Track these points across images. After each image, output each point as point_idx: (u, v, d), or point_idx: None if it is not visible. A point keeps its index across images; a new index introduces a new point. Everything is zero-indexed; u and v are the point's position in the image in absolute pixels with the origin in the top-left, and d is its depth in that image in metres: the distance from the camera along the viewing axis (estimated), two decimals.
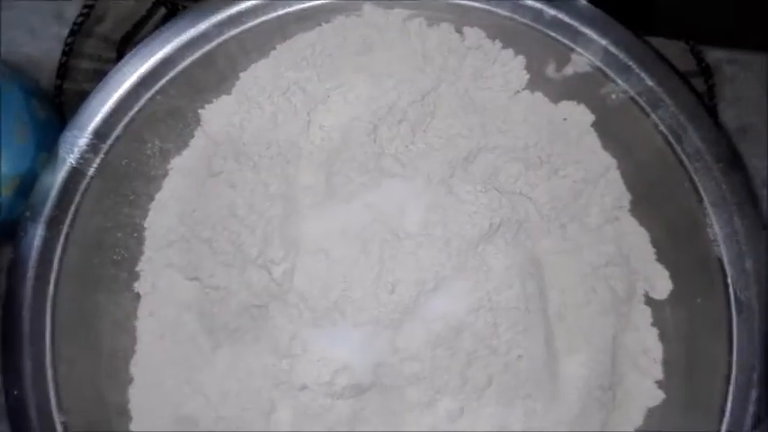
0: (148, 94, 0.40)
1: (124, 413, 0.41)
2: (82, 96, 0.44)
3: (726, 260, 0.37)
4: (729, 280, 0.37)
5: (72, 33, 0.44)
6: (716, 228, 0.38)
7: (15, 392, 0.38)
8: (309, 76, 0.41)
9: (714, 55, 0.44)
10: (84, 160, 0.39)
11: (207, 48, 0.40)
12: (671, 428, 0.40)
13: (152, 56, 0.39)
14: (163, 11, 0.44)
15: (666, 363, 0.41)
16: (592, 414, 0.40)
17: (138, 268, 0.42)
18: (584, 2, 0.38)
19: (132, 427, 0.41)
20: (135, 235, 0.42)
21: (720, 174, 0.38)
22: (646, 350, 0.42)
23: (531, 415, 0.39)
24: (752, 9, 0.44)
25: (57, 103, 0.44)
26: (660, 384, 0.41)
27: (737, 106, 0.45)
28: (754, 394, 0.37)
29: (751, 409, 0.37)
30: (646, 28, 0.44)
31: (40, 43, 0.46)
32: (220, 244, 0.40)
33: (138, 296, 0.42)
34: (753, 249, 0.37)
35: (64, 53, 0.44)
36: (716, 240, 0.38)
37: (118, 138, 0.40)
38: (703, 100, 0.38)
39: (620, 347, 0.42)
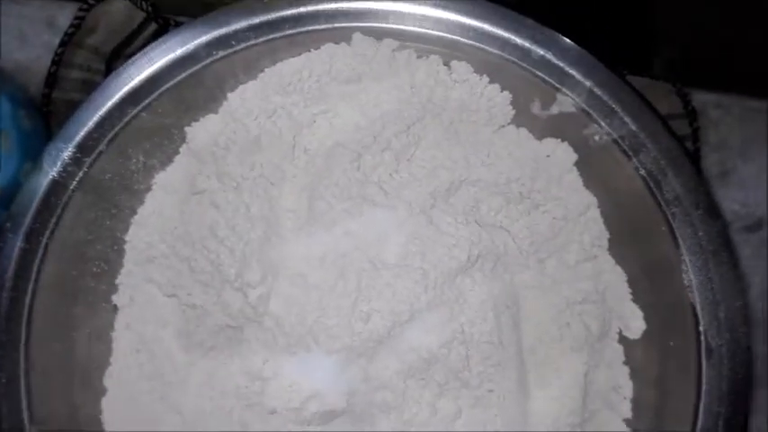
0: (134, 111, 0.40)
1: (97, 425, 0.41)
2: (70, 106, 0.44)
3: (699, 307, 0.38)
4: (701, 327, 0.38)
5: (62, 44, 0.44)
6: (691, 274, 0.38)
7: None
8: (296, 101, 0.41)
9: (700, 98, 0.45)
10: (66, 173, 0.39)
11: (195, 68, 0.40)
12: None
13: (140, 73, 0.39)
14: (154, 26, 0.44)
15: (636, 402, 0.41)
16: None
17: (117, 281, 0.43)
18: (572, 43, 0.39)
19: None
20: (115, 248, 0.42)
21: (698, 221, 0.38)
22: (616, 387, 0.42)
23: None
24: (739, 53, 0.44)
25: (44, 112, 0.44)
26: (628, 423, 0.41)
27: (721, 150, 0.45)
28: None
29: None
30: (636, 68, 0.44)
31: (31, 50, 0.46)
32: (199, 263, 0.40)
33: (115, 309, 0.43)
34: (726, 298, 0.38)
35: (53, 62, 0.44)
36: (690, 287, 0.38)
37: (102, 152, 0.40)
38: (685, 146, 0.38)
39: (591, 384, 0.42)
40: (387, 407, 0.38)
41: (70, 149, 0.39)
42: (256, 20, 0.40)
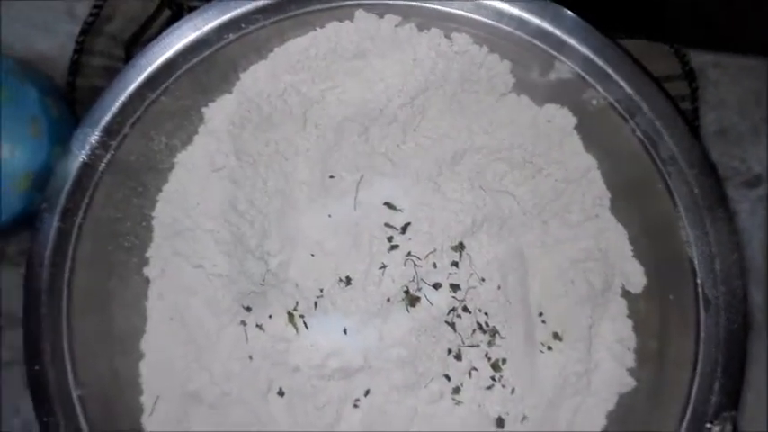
0: (154, 96, 0.42)
1: (136, 386, 0.44)
2: (93, 92, 0.46)
3: (696, 261, 0.40)
4: (699, 279, 0.39)
5: (83, 32, 0.46)
6: (687, 229, 0.40)
7: (36, 368, 0.41)
8: (304, 79, 0.43)
9: (699, 58, 0.45)
10: (95, 156, 0.42)
11: (208, 51, 0.41)
12: (639, 413, 0.42)
13: (157, 59, 0.41)
14: (168, 12, 0.46)
15: (638, 352, 0.43)
16: (566, 399, 0.43)
17: (147, 254, 0.45)
18: (567, 11, 0.40)
19: (143, 399, 0.44)
20: (144, 224, 0.45)
21: (693, 179, 0.40)
22: (620, 339, 0.44)
23: (508, 399, 0.42)
24: (735, 12, 0.45)
25: (69, 99, 0.47)
26: (632, 372, 0.43)
27: (719, 109, 0.46)
28: (717, 385, 0.39)
29: (714, 398, 0.39)
30: (635, 30, 0.45)
31: (53, 40, 0.49)
32: (222, 235, 0.43)
33: (147, 280, 0.45)
34: (722, 252, 0.39)
35: (75, 51, 0.46)
36: (688, 241, 0.40)
37: (126, 135, 0.42)
38: (679, 107, 0.40)
39: (596, 336, 0.44)
40: (401, 362, 0.41)
41: (97, 134, 0.41)
42: (262, 2, 0.42)
